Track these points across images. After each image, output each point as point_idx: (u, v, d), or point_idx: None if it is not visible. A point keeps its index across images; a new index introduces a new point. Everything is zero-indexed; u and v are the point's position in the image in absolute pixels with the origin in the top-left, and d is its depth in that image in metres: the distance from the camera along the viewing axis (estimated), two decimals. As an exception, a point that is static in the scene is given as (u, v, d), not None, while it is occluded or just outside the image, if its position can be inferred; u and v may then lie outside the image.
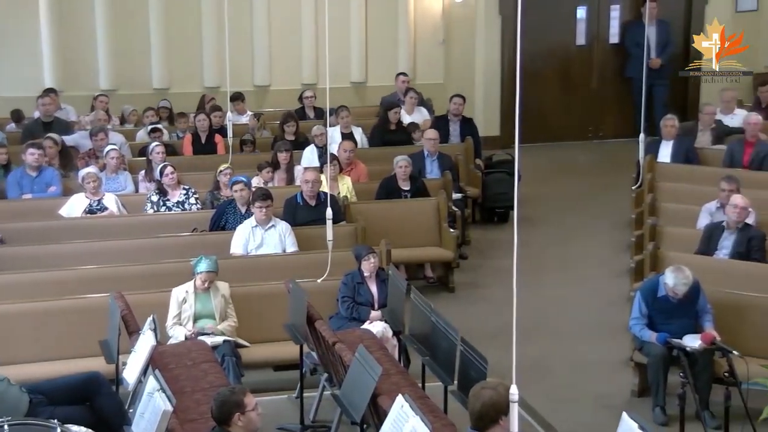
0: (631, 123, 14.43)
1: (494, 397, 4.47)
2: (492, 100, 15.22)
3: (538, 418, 7.43)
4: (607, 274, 10.52)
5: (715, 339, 6.88)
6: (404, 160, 10.66)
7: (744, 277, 8.29)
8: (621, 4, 15.63)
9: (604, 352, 8.64)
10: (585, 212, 12.58)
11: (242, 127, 12.63)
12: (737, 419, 6.32)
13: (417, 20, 14.92)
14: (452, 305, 9.61)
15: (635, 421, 4.64)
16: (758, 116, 11.28)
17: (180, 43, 14.36)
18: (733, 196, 8.95)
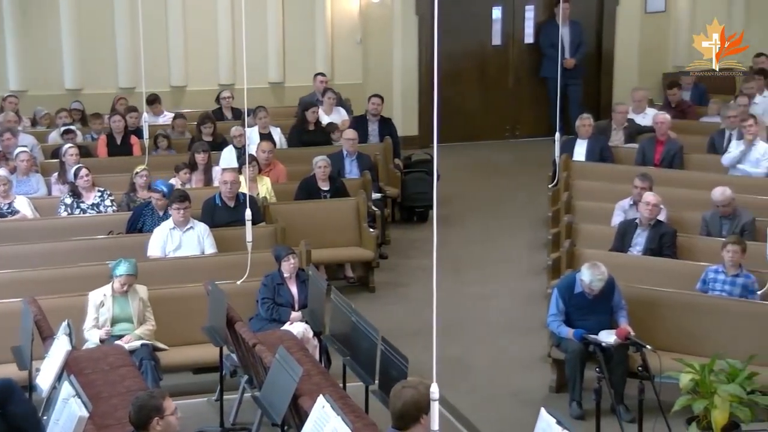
0: (547, 122, 14.63)
1: (415, 395, 4.49)
2: (410, 100, 15.28)
3: (459, 415, 7.50)
4: (525, 272, 10.66)
5: (630, 334, 7.02)
6: (323, 161, 10.65)
7: (657, 273, 8.48)
8: (535, 4, 15.84)
9: (522, 349, 8.75)
10: (503, 211, 12.72)
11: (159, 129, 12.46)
12: (651, 412, 6.46)
13: (334, 20, 14.91)
14: (373, 305, 9.63)
15: (553, 417, 4.71)
16: (667, 115, 11.53)
17: (92, 43, 14.09)
18: (645, 194, 9.14)
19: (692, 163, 11.22)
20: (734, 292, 8.00)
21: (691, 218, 9.48)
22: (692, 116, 13.14)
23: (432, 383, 4.13)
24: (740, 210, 9.14)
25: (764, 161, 10.47)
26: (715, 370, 5.97)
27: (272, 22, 14.59)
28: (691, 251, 8.95)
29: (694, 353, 7.13)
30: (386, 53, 15.17)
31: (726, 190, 9.10)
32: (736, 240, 8.11)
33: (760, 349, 6.76)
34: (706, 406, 5.80)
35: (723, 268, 8.09)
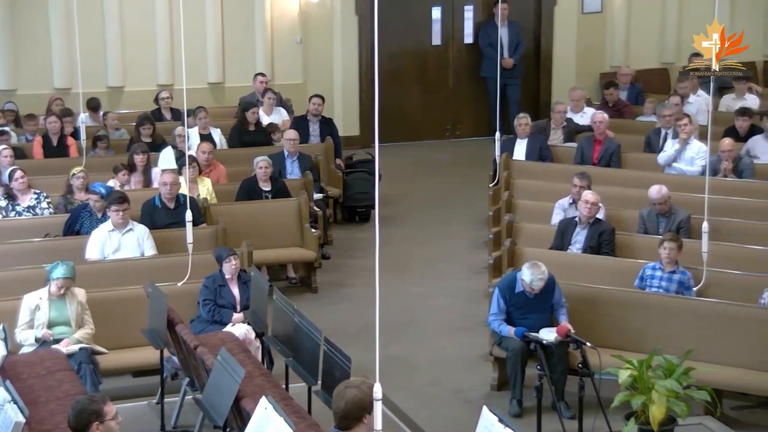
0: (487, 122, 14.74)
1: (358, 395, 4.49)
2: (351, 100, 15.28)
3: (401, 414, 7.51)
4: (467, 271, 10.72)
5: (570, 332, 7.09)
6: (264, 161, 10.60)
7: (596, 271, 8.59)
8: (474, 4, 15.92)
9: (464, 348, 8.80)
10: (445, 210, 12.77)
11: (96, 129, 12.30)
12: (590, 408, 6.53)
13: (274, 20, 14.84)
14: (315, 305, 9.61)
15: (495, 415, 4.74)
16: (604, 114, 11.68)
17: (27, 43, 13.84)
18: (584, 192, 9.25)
19: (629, 161, 11.38)
20: (671, 289, 8.14)
21: (629, 216, 9.62)
22: (629, 115, 13.33)
23: (375, 383, 4.13)
24: (676, 208, 9.29)
25: (698, 160, 10.65)
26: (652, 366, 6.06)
27: (211, 22, 14.48)
28: (629, 249, 9.07)
29: (632, 350, 7.23)
30: (326, 53, 15.15)
31: (662, 188, 9.24)
32: (672, 237, 8.24)
33: (696, 345, 6.88)
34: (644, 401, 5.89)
35: (660, 265, 8.22)
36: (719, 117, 12.05)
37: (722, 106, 13.10)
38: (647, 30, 16.04)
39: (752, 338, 7.47)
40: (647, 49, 16.06)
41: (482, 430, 4.79)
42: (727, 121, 11.75)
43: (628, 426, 5.97)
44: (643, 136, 11.85)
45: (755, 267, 8.27)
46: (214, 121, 12.48)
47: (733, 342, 7.50)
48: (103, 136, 11.86)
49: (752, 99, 13.11)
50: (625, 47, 15.99)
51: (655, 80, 15.67)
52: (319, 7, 15.02)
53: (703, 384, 6.21)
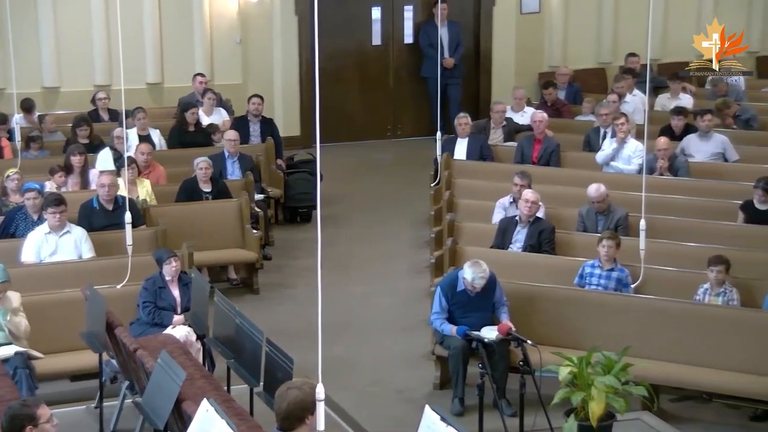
0: (428, 121, 14.79)
1: (300, 396, 4.48)
2: (291, 100, 15.23)
3: (344, 414, 7.50)
4: (409, 270, 10.75)
5: (511, 330, 7.14)
6: (204, 162, 10.52)
7: (536, 269, 8.67)
8: (414, 4, 15.97)
9: (406, 347, 8.82)
10: (386, 210, 12.79)
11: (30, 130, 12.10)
12: (531, 406, 6.59)
13: (213, 20, 14.73)
14: (257, 307, 9.57)
15: (437, 413, 4.76)
16: (544, 114, 11.80)
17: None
18: (524, 191, 9.33)
19: (569, 160, 11.50)
20: (609, 286, 8.25)
21: (569, 215, 9.72)
22: (567, 115, 13.49)
23: (317, 383, 4.13)
24: (614, 206, 9.42)
25: (636, 158, 10.80)
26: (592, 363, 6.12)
27: (149, 21, 14.32)
28: (568, 247, 9.17)
29: (572, 347, 7.31)
30: (266, 53, 15.08)
31: (600, 186, 9.36)
32: (610, 235, 8.35)
33: (634, 341, 6.98)
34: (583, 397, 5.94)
35: (599, 262, 8.32)
36: (655, 116, 12.24)
37: (657, 106, 13.31)
38: (584, 30, 16.24)
39: (688, 334, 7.60)
40: (584, 49, 16.25)
41: (424, 429, 4.80)
42: (662, 120, 11.94)
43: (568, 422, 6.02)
44: (582, 136, 12.00)
45: (691, 264, 8.41)
46: (153, 122, 12.35)
47: (670, 338, 7.62)
48: (36, 137, 11.66)
49: (686, 99, 13.33)
50: (562, 47, 16.17)
51: (592, 80, 15.88)
52: (258, 7, 14.95)
53: (640, 380, 6.29)
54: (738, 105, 12.68)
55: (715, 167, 10.97)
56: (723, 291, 7.92)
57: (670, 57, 16.28)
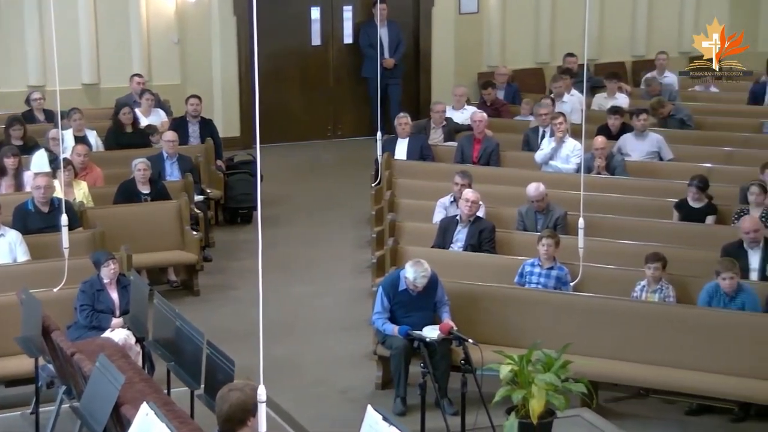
0: (369, 121, 14.80)
1: (242, 398, 4.45)
2: (231, 101, 15.12)
3: (286, 416, 7.48)
4: (350, 271, 10.74)
5: (453, 329, 7.17)
6: (143, 163, 10.41)
7: (477, 268, 8.72)
8: (353, 5, 15.96)
9: (348, 347, 8.82)
10: (327, 210, 12.77)
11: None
12: (473, 404, 6.62)
13: (150, 20, 14.56)
14: (198, 309, 9.49)
15: (379, 413, 4.76)
16: (483, 114, 11.87)
17: None
18: (464, 191, 9.38)
19: (508, 160, 11.59)
20: (549, 285, 8.33)
21: (508, 214, 9.80)
22: (506, 114, 13.59)
23: (259, 385, 4.11)
24: (553, 205, 9.51)
25: (574, 158, 10.92)
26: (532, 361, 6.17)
27: (84, 21, 14.10)
28: (508, 246, 9.25)
29: (513, 345, 7.36)
30: (205, 53, 14.96)
31: (540, 185, 9.45)
32: (550, 234, 8.44)
33: (574, 339, 7.04)
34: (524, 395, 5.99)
35: (538, 261, 8.40)
36: (592, 115, 12.40)
37: (594, 105, 13.47)
38: (522, 31, 16.37)
39: (626, 331, 7.71)
40: (523, 50, 16.39)
41: (367, 428, 4.81)
42: (599, 120, 12.09)
43: (509, 420, 6.06)
44: (521, 135, 12.10)
45: (628, 261, 8.53)
46: (89, 123, 12.17)
47: (609, 335, 7.73)
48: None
49: (622, 98, 13.52)
50: (501, 47, 16.29)
51: (530, 80, 16.02)
52: (195, 7, 14.82)
53: (580, 377, 6.36)
54: (672, 104, 12.89)
55: (651, 166, 11.15)
56: (659, 288, 8.05)
57: (606, 57, 16.51)
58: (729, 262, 7.78)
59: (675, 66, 15.85)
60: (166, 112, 13.16)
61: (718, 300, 7.76)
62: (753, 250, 8.39)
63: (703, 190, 9.54)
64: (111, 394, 5.55)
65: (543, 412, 5.98)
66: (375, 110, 11.94)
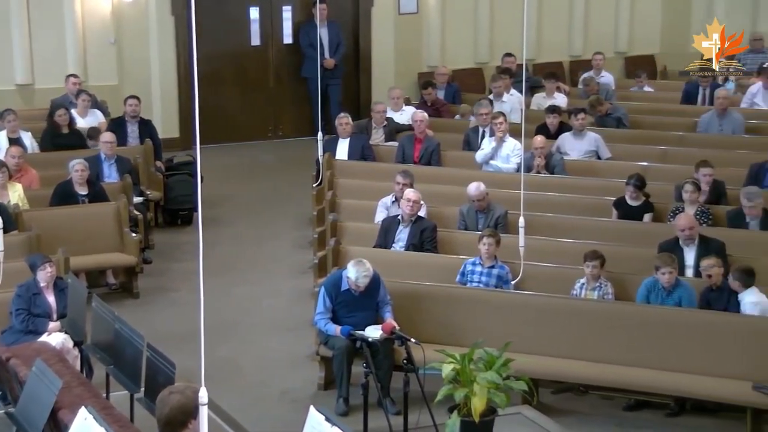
0: (309, 122, 14.77)
1: (182, 400, 4.41)
2: (170, 101, 14.98)
3: (228, 418, 7.43)
4: (292, 271, 10.71)
5: (395, 328, 7.18)
6: (80, 164, 10.27)
7: (419, 268, 8.74)
8: (293, 4, 15.91)
9: (290, 348, 8.79)
10: (269, 211, 12.72)
11: None
12: (416, 403, 6.64)
13: (85, 20, 14.35)
14: (138, 311, 9.40)
15: (322, 414, 4.75)
16: (424, 113, 11.91)
17: None
18: (406, 191, 9.40)
19: (449, 159, 11.64)
20: (490, 283, 8.38)
21: (450, 213, 9.84)
22: (447, 114, 13.65)
23: (200, 387, 4.07)
24: (494, 204, 9.58)
25: (514, 157, 11.01)
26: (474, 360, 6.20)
27: (16, 20, 13.85)
28: (450, 245, 9.29)
29: (455, 344, 7.37)
30: (143, 54, 14.79)
31: (480, 185, 9.51)
32: (491, 233, 8.49)
33: (515, 337, 7.09)
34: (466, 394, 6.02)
35: (480, 260, 8.45)
36: (531, 115, 12.48)
37: (533, 105, 13.59)
38: (462, 31, 16.46)
39: (566, 328, 7.80)
40: (462, 50, 16.48)
41: (309, 429, 4.79)
42: (538, 119, 12.19)
43: (451, 419, 6.09)
44: (462, 135, 12.16)
45: (568, 260, 8.62)
46: (24, 124, 11.97)
47: (549, 332, 7.80)
48: None
49: (561, 98, 13.66)
50: (441, 47, 16.36)
51: (470, 80, 16.12)
52: (132, 7, 14.64)
53: (521, 374, 6.41)
54: (610, 104, 13.06)
55: (589, 165, 11.28)
56: (598, 285, 8.15)
57: (544, 57, 16.67)
58: (667, 257, 7.91)
59: (611, 66, 16.10)
60: (103, 113, 12.99)
61: (656, 295, 7.89)
62: (688, 247, 8.54)
63: (640, 188, 9.68)
64: (48, 399, 5.47)
65: (485, 411, 6.01)
66: (316, 110, 11.91)
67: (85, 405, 5.05)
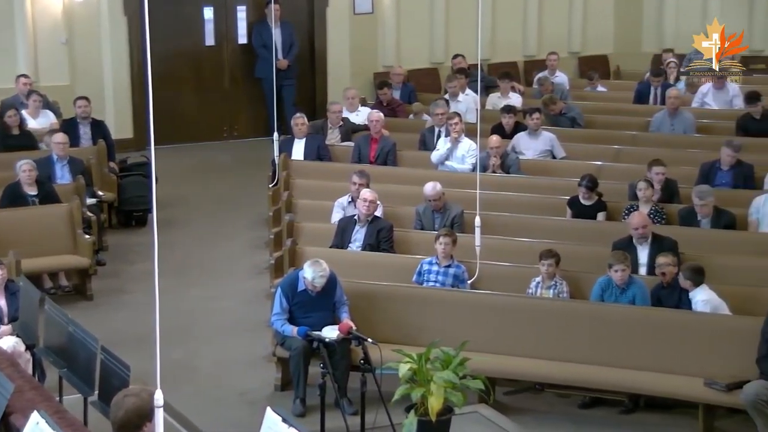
0: (265, 122, 14.71)
1: (138, 403, 4.37)
2: (123, 102, 14.84)
3: (184, 420, 7.37)
4: (248, 272, 10.66)
5: (352, 329, 7.17)
6: (27, 164, 10.17)
7: (375, 268, 8.74)
8: (247, 4, 15.84)
9: (247, 349, 8.75)
10: (225, 212, 12.64)
11: None
12: (373, 403, 6.63)
13: (35, 19, 14.16)
14: (91, 313, 9.30)
15: (279, 415, 4.74)
16: (380, 113, 11.92)
17: None
18: (362, 191, 9.40)
19: (405, 159, 11.66)
20: (447, 282, 8.41)
21: (406, 213, 9.86)
22: (402, 114, 13.67)
23: (156, 390, 4.04)
24: (450, 204, 9.60)
25: (469, 157, 11.05)
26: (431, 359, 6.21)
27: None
28: (406, 245, 9.30)
29: (412, 343, 7.38)
30: (95, 54, 14.64)
31: (436, 185, 9.53)
32: (447, 232, 8.52)
33: (471, 336, 7.11)
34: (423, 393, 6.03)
35: (436, 259, 8.47)
36: (486, 115, 12.56)
37: (489, 105, 13.65)
38: (417, 31, 16.49)
39: (522, 327, 7.84)
40: (418, 50, 16.51)
41: (266, 430, 4.77)
42: (493, 119, 12.26)
43: (408, 418, 6.09)
44: (417, 135, 12.18)
45: (523, 259, 8.66)
46: (-27, 125, 11.81)
47: (505, 331, 7.84)
48: None
49: (515, 97, 13.74)
50: (396, 47, 16.38)
51: (426, 80, 16.16)
52: (84, 7, 14.48)
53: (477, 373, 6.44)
54: (564, 103, 13.16)
55: (544, 164, 11.36)
56: (554, 284, 8.20)
57: (499, 57, 16.76)
58: (621, 255, 7.99)
59: (565, 66, 16.23)
60: (55, 114, 12.84)
61: (610, 293, 7.96)
62: (642, 246, 8.62)
63: (591, 189, 9.76)
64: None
65: (442, 410, 6.02)
66: (270, 111, 11.86)
67: (38, 409, 4.99)
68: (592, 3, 17.67)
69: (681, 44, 16.55)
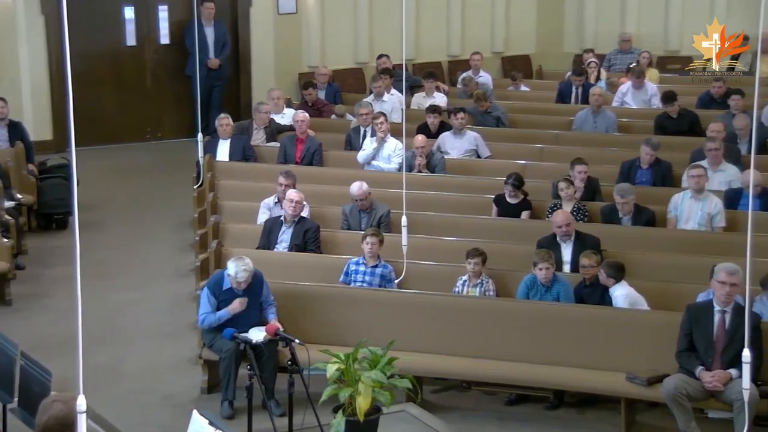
0: (190, 123, 14.56)
1: (64, 410, 4.29)
2: (42, 103, 14.55)
3: (108, 426, 7.24)
4: (173, 275, 10.54)
5: (279, 330, 7.12)
6: (-54, 168, 9.88)
7: (302, 268, 8.72)
8: (169, 4, 15.65)
9: (172, 353, 8.66)
10: (148, 214, 12.48)
11: None
12: (300, 404, 6.60)
13: (-49, 18, 13.84)
14: (10, 318, 9.12)
15: (205, 418, 4.69)
16: (305, 114, 11.89)
17: None
18: (288, 191, 9.37)
19: (331, 159, 11.65)
20: (374, 282, 8.42)
21: (333, 213, 9.85)
22: (328, 114, 13.65)
23: (78, 395, 3.96)
24: (376, 203, 9.62)
25: (395, 157, 11.08)
26: (358, 359, 6.21)
27: None
28: (333, 245, 9.29)
29: (340, 344, 7.38)
30: (11, 54, 14.33)
31: (363, 184, 9.54)
32: (374, 232, 8.53)
33: (399, 335, 7.14)
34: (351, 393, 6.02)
35: (363, 259, 8.48)
36: (412, 114, 12.58)
37: (414, 104, 13.71)
38: (341, 31, 16.48)
39: (449, 325, 7.88)
40: (342, 50, 16.50)
41: (193, 434, 4.72)
42: (419, 119, 12.30)
43: (336, 419, 6.08)
44: (343, 135, 12.18)
45: (450, 258, 8.72)
46: None
47: (432, 330, 7.88)
48: None
49: (440, 97, 13.82)
50: (321, 48, 16.35)
51: (351, 80, 16.17)
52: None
53: (405, 372, 6.45)
54: (489, 103, 13.27)
55: (470, 163, 11.44)
56: (480, 282, 8.27)
57: (423, 57, 16.85)
58: (545, 253, 8.08)
59: (488, 66, 16.38)
60: (-30, 115, 12.53)
61: (535, 291, 8.05)
62: (565, 244, 8.74)
63: (518, 188, 9.86)
64: None
65: (369, 409, 6.02)
66: (196, 112, 11.74)
67: (-44, 418, 4.86)
68: (515, 4, 17.87)
69: (601, 44, 16.87)
